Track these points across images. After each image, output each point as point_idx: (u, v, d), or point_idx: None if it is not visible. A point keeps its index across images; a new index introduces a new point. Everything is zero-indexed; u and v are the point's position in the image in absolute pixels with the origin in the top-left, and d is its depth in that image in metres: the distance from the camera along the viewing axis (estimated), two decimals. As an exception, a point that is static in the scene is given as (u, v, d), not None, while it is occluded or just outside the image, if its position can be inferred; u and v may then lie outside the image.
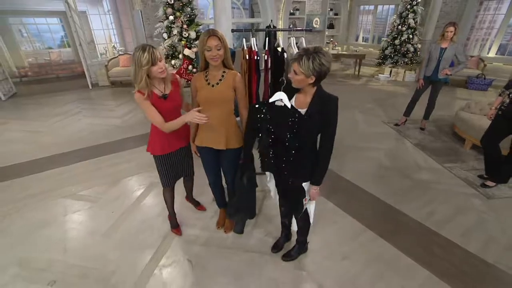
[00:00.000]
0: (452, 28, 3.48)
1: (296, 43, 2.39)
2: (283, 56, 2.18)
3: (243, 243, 2.18)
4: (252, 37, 2.30)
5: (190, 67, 3.86)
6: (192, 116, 1.61)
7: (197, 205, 2.58)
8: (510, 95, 2.50)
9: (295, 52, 2.09)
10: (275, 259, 2.03)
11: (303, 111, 1.42)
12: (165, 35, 4.04)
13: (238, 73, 1.77)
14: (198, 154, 2.02)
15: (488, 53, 7.00)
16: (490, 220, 2.40)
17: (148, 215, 2.52)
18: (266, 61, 2.17)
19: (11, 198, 2.78)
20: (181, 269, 1.97)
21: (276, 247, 2.09)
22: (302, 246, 2.01)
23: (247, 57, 2.20)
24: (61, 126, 4.69)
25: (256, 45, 2.35)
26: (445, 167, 3.20)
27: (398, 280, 1.86)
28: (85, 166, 3.39)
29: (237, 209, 2.07)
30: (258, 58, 2.18)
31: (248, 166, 1.91)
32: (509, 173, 2.76)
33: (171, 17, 3.88)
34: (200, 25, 4.15)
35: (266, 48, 2.17)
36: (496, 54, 6.93)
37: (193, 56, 3.88)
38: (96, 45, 8.22)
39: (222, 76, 1.72)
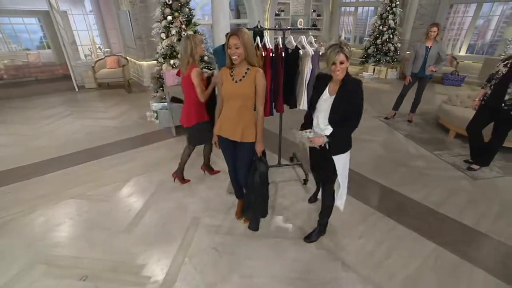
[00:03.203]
0: (435, 29, 3.82)
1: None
2: (298, 53, 2.33)
3: (264, 230, 2.30)
4: (260, 36, 2.44)
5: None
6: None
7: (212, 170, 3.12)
8: (491, 87, 2.84)
9: (309, 49, 2.28)
10: (297, 242, 2.17)
11: (334, 96, 1.69)
12: (163, 35, 4.05)
13: (261, 70, 1.87)
14: (218, 146, 2.12)
15: (459, 52, 7.63)
16: (478, 198, 2.71)
17: (165, 210, 2.56)
18: (281, 58, 2.31)
19: (19, 200, 2.71)
20: (210, 257, 2.05)
21: (311, 200, 2.61)
22: (322, 229, 2.18)
23: (262, 55, 2.33)
24: (52, 128, 4.54)
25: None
26: (435, 154, 3.52)
27: (409, 252, 2.08)
28: (88, 167, 3.34)
29: (249, 204, 2.18)
30: (273, 55, 2.31)
31: (262, 161, 2.02)
32: (490, 157, 3.10)
33: (169, 17, 3.90)
34: (197, 25, 4.21)
35: (280, 46, 2.31)
36: (466, 52, 7.56)
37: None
38: (80, 46, 7.95)
39: (246, 73, 1.84)
